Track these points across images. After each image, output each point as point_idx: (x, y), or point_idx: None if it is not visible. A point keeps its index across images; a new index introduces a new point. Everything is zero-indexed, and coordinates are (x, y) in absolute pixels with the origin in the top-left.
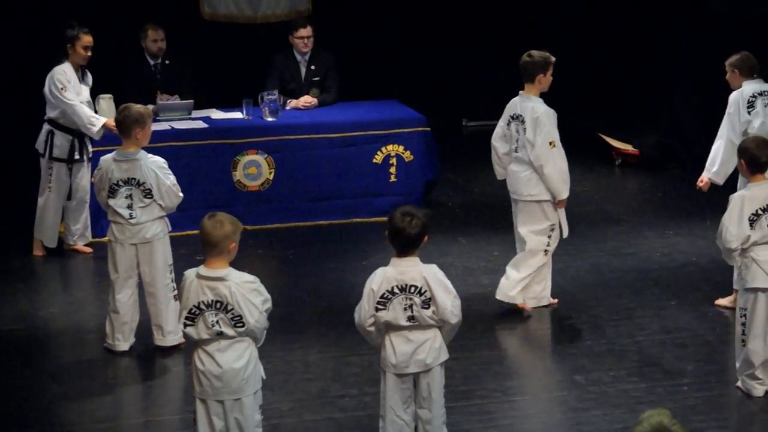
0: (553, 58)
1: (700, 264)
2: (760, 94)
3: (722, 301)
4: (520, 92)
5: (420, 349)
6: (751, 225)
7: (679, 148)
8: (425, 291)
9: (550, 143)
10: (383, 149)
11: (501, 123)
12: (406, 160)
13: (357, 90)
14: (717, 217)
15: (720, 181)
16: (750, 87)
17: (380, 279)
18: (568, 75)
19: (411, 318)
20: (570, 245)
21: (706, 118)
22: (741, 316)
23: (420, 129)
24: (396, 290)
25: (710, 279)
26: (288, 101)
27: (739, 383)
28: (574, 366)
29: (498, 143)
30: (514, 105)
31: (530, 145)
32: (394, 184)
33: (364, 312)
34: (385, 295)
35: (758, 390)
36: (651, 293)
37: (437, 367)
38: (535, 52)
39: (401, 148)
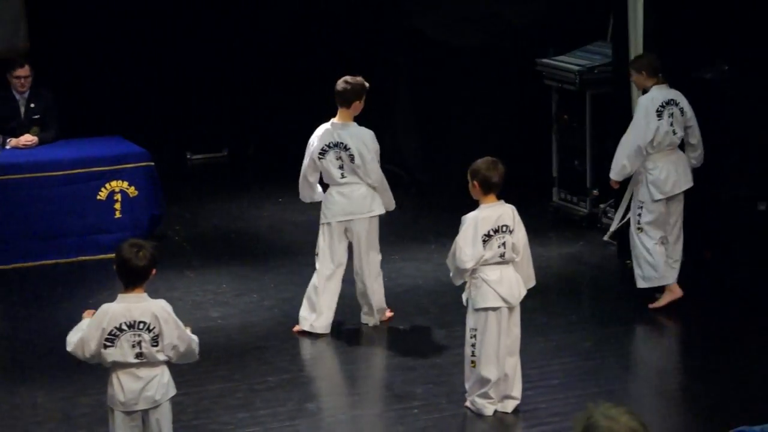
0: (367, 84)
1: (426, 287)
2: (668, 103)
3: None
4: (333, 120)
5: (149, 386)
6: (483, 245)
7: (401, 174)
8: (154, 327)
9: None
10: (107, 185)
11: (312, 155)
12: (131, 195)
13: (79, 127)
14: (440, 240)
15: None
16: (660, 93)
17: (106, 316)
18: (295, 103)
19: (140, 355)
20: (296, 275)
21: (426, 143)
22: (471, 337)
23: (144, 164)
24: (124, 327)
25: (437, 301)
26: (8, 140)
27: (468, 403)
28: (307, 394)
29: (311, 177)
30: (329, 133)
31: (363, 167)
32: (119, 220)
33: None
34: (113, 332)
35: (489, 409)
36: None
37: (166, 403)
38: (350, 79)
39: (125, 184)
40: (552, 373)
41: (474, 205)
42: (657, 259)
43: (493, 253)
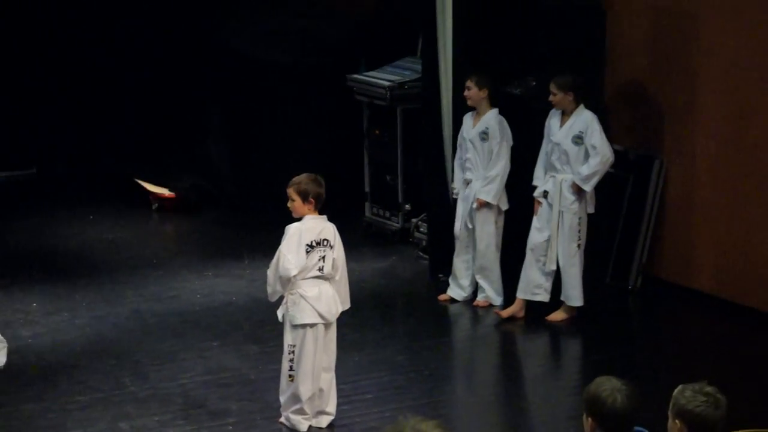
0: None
1: (239, 303)
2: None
3: (553, 316)
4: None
5: None
6: (306, 255)
7: (213, 189)
8: None
9: None
10: None
11: None
12: None
13: None
14: (253, 255)
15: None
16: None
17: None
18: (108, 121)
19: None
20: (109, 293)
21: (238, 159)
22: (290, 353)
23: None
24: None
25: (251, 317)
26: None
27: (283, 419)
28: (119, 414)
29: None
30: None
31: None
32: None
33: None
34: None
35: (303, 425)
36: (193, 335)
37: None
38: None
39: None
40: (366, 388)
41: (289, 220)
42: None
43: (313, 264)
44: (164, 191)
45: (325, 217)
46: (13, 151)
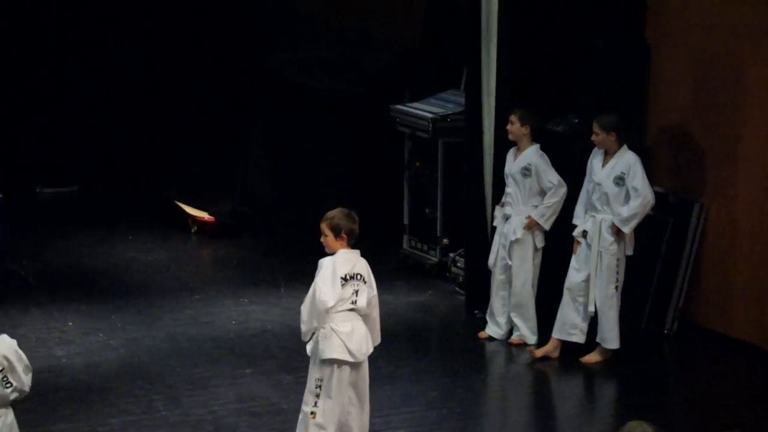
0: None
1: (274, 331)
2: None
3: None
4: None
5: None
6: (341, 287)
7: (253, 216)
8: (2, 368)
9: None
10: None
11: None
12: None
13: None
14: (290, 284)
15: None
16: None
17: None
18: (151, 142)
19: None
20: (144, 315)
21: (279, 186)
22: (316, 387)
23: None
24: None
25: (285, 346)
26: None
27: None
28: None
29: None
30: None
31: None
32: None
33: None
34: None
35: None
36: (227, 362)
37: None
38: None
39: None
40: (398, 423)
41: (324, 252)
42: None
43: (347, 297)
44: (204, 215)
45: (358, 252)
46: (56, 168)
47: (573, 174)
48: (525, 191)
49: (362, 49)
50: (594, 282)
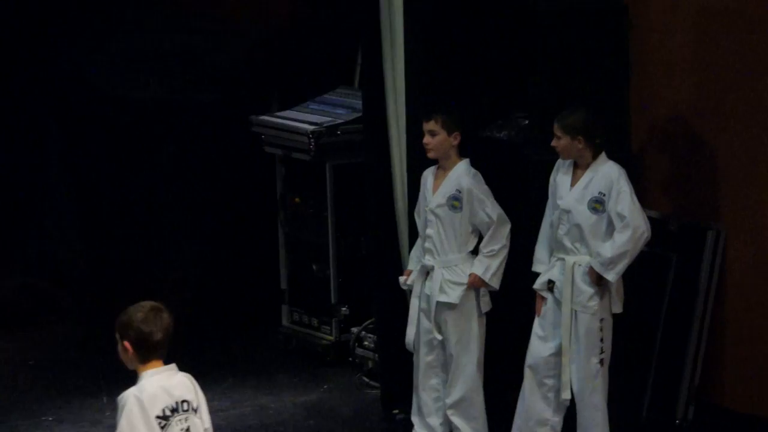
0: None
1: None
2: None
3: None
4: None
5: None
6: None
7: (55, 291)
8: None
9: None
10: None
11: None
12: None
13: None
14: (114, 390)
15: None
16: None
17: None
18: None
19: None
20: None
21: (91, 244)
22: None
23: None
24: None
25: None
26: None
27: None
28: None
29: None
30: None
31: None
32: None
33: None
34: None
35: None
36: None
37: None
38: None
39: None
40: None
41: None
42: None
43: None
44: None
45: (173, 366)
46: None
47: (525, 200)
48: (453, 231)
49: (207, 37)
50: (568, 356)
